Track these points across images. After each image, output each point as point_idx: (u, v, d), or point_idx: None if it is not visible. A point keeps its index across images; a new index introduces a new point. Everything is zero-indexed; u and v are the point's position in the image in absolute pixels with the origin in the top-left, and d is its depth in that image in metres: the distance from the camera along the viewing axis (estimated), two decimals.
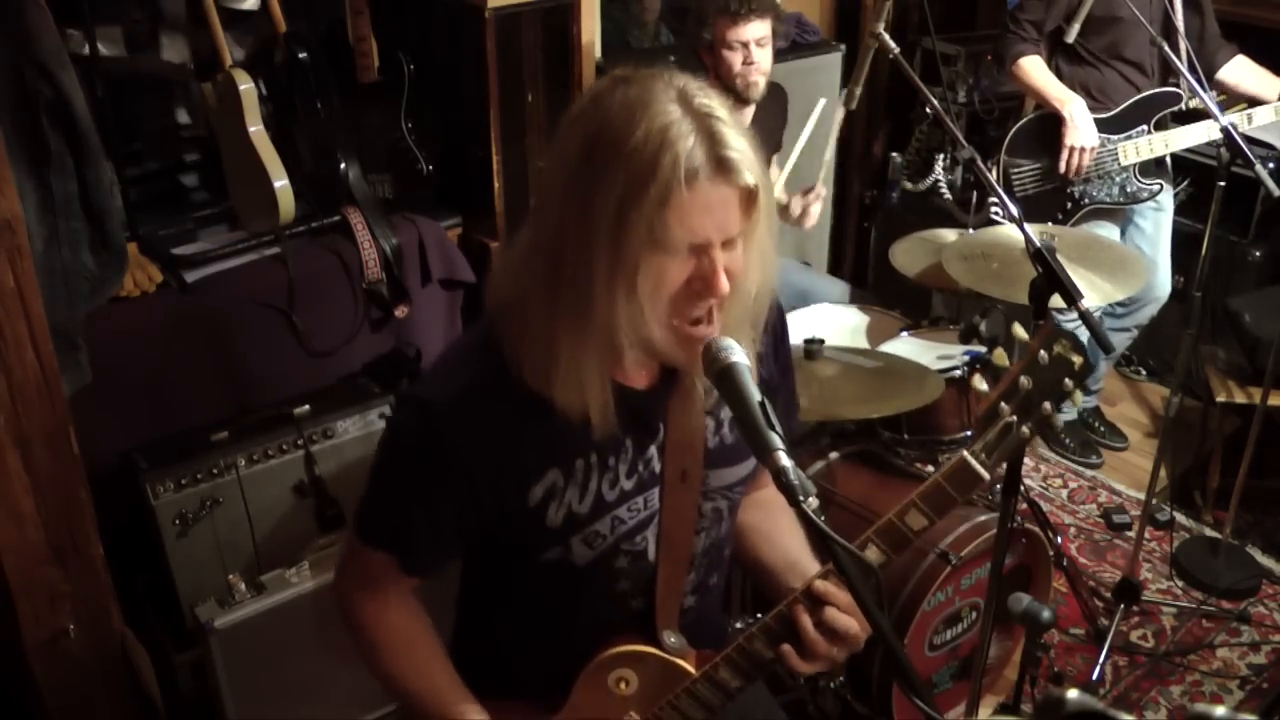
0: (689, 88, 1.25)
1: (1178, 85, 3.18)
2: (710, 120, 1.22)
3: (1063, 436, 3.70)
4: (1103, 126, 3.20)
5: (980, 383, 1.67)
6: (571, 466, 1.37)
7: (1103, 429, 3.81)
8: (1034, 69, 3.22)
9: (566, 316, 1.27)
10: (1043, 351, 1.35)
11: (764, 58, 2.87)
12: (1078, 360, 1.35)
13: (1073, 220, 3.29)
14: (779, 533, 1.60)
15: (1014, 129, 3.30)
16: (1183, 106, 3.23)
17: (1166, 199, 3.44)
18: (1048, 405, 1.36)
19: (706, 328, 1.29)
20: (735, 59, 2.84)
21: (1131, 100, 3.21)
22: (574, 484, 1.37)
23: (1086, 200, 3.28)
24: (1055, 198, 3.29)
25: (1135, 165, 3.24)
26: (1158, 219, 3.44)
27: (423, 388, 1.39)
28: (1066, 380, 1.36)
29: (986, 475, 1.37)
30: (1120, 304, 3.50)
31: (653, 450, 1.42)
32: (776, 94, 3.18)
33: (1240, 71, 3.26)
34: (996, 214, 3.23)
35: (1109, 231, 3.35)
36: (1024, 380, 1.35)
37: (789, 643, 1.39)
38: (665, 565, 1.47)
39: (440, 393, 1.34)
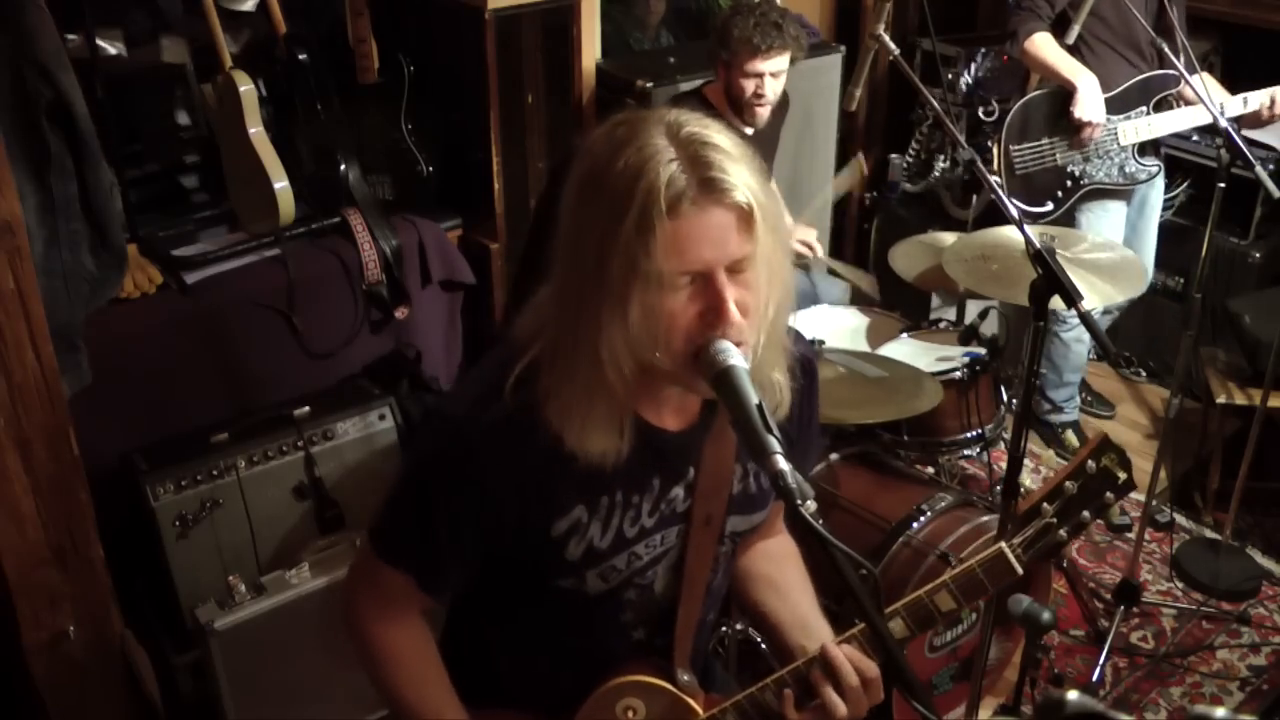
0: (680, 119, 1.23)
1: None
2: (696, 146, 1.19)
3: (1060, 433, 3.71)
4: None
5: (1028, 480, 1.71)
6: (597, 503, 1.36)
7: (1089, 398, 3.90)
8: (1045, 45, 3.24)
9: (568, 356, 1.27)
10: (1090, 461, 1.41)
11: (775, 89, 2.89)
12: (1123, 475, 1.42)
13: (1072, 200, 3.33)
14: (790, 587, 1.60)
15: (1016, 107, 3.32)
16: (1175, 91, 3.27)
17: (1159, 192, 3.49)
18: (1087, 514, 1.42)
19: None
20: (748, 86, 2.86)
21: (1131, 81, 3.25)
22: (597, 520, 1.36)
23: (1086, 180, 3.30)
24: (1055, 177, 3.31)
25: (1134, 146, 3.27)
26: (1144, 207, 3.50)
27: (455, 407, 1.37)
28: (1109, 494, 1.42)
29: (1020, 570, 1.42)
30: None
31: (678, 490, 1.41)
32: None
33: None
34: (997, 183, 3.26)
35: (1117, 211, 3.39)
36: (1069, 485, 1.42)
37: (800, 699, 1.40)
38: (684, 605, 1.47)
39: (475, 416, 1.31)
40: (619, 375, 1.25)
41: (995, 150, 3.28)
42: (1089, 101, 3.17)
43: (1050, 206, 3.31)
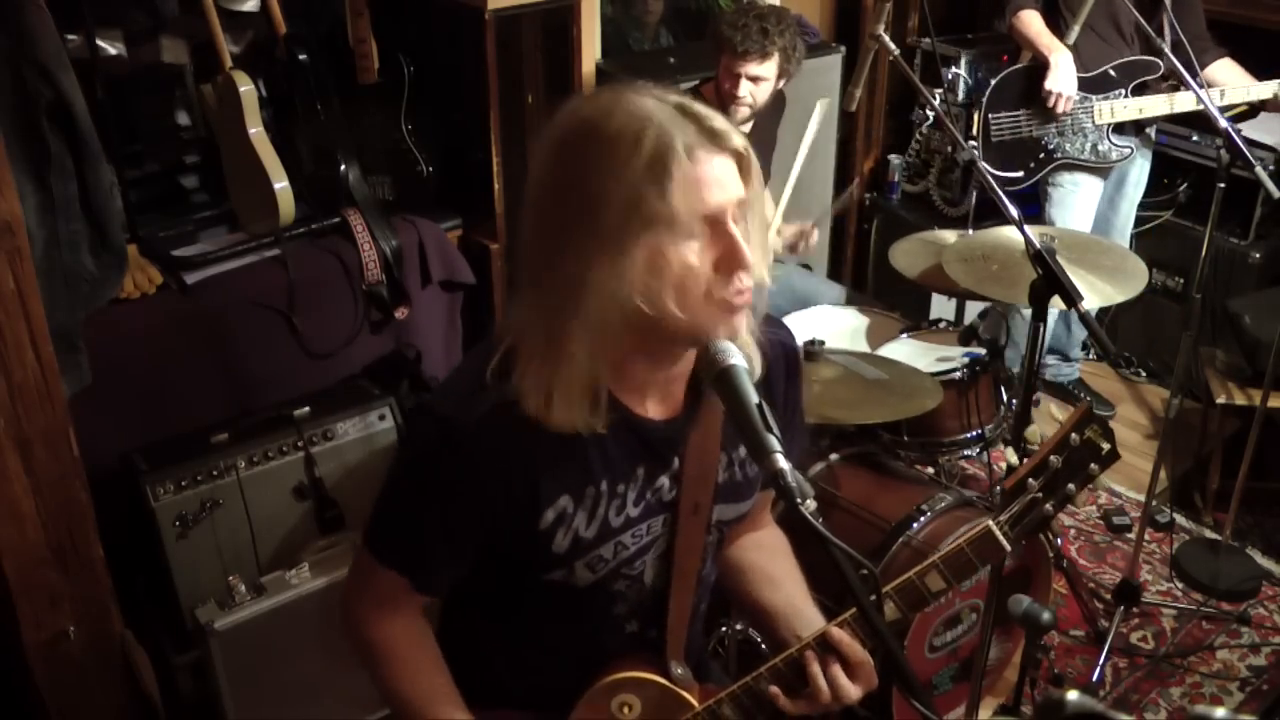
0: (657, 89, 1.28)
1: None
2: (685, 105, 1.26)
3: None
4: (1082, 86, 3.33)
5: (1011, 456, 1.76)
6: (582, 493, 1.36)
7: (1089, 398, 3.90)
8: (1031, 21, 3.37)
9: (546, 317, 1.27)
10: (1074, 434, 1.42)
11: (755, 93, 2.92)
12: (1106, 446, 1.42)
13: (1044, 171, 3.44)
14: (781, 576, 1.60)
15: (998, 78, 3.44)
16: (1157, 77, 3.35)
17: (1140, 174, 3.56)
18: (1072, 486, 1.42)
19: (744, 297, 1.27)
20: (725, 83, 2.91)
21: (1113, 63, 3.34)
22: (583, 510, 1.37)
23: (1059, 154, 3.41)
24: (1029, 148, 3.43)
25: (1108, 125, 3.37)
26: (1122, 185, 3.57)
27: (443, 404, 1.37)
28: (1093, 465, 1.43)
29: (1009, 547, 1.43)
30: None
31: (663, 480, 1.42)
32: (774, 97, 3.19)
33: (1225, 74, 3.32)
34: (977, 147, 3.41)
35: (1090, 187, 3.48)
36: (1053, 459, 1.42)
37: (794, 687, 1.41)
38: (675, 595, 1.48)
39: (462, 411, 1.32)
40: (603, 333, 1.24)
41: (975, 117, 3.43)
42: (1061, 73, 3.28)
43: (1021, 174, 3.44)
